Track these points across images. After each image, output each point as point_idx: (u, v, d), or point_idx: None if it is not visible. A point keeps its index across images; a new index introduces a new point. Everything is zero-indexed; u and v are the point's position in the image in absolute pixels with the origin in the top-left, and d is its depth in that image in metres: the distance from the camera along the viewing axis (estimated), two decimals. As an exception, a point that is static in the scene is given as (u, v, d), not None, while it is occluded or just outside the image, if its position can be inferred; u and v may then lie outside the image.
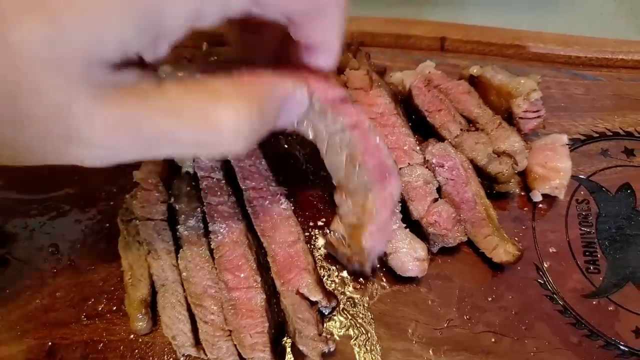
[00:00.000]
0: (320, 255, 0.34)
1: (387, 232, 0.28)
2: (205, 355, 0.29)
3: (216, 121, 0.20)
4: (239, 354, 0.29)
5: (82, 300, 0.32)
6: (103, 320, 0.32)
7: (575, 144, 0.38)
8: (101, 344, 0.31)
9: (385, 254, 0.31)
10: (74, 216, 0.35)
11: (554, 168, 0.34)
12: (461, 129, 0.35)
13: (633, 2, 0.52)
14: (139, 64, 0.21)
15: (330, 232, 0.29)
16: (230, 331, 0.29)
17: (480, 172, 0.34)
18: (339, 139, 0.25)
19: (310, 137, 0.25)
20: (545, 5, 0.51)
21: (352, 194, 0.26)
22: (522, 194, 0.36)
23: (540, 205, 0.35)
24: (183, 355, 0.30)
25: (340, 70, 0.38)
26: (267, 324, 0.29)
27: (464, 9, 0.50)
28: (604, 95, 0.40)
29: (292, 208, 0.33)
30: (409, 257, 0.31)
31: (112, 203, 0.35)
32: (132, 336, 0.31)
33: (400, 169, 0.33)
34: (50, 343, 0.31)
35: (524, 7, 0.51)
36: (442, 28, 0.42)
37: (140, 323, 0.30)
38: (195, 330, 0.30)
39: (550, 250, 0.34)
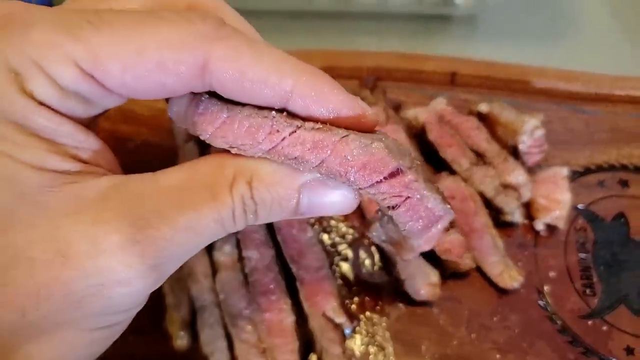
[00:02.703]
0: (341, 280, 0.37)
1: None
2: (240, 370, 0.33)
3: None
4: (272, 370, 0.32)
5: (127, 319, 0.35)
6: (145, 336, 0.35)
7: (574, 175, 0.41)
8: (144, 359, 0.34)
9: (401, 280, 0.35)
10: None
11: (555, 200, 0.37)
12: (470, 163, 0.38)
13: (635, 34, 0.55)
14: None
15: (371, 234, 0.29)
16: (264, 348, 0.33)
17: (488, 203, 0.37)
18: (381, 207, 0.22)
19: None
20: (550, 37, 0.54)
21: (392, 223, 0.23)
22: (526, 222, 0.39)
23: (542, 233, 0.39)
24: (220, 370, 0.33)
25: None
26: (297, 343, 0.32)
27: (473, 41, 0.54)
28: (601, 129, 0.43)
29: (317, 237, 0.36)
30: (423, 282, 0.34)
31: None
32: (172, 352, 0.34)
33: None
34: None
35: (530, 39, 0.54)
36: (453, 63, 0.45)
37: (181, 340, 0.33)
38: (231, 347, 0.33)
39: (551, 275, 0.37)
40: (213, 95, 0.21)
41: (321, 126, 0.20)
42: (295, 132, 0.20)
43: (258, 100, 0.20)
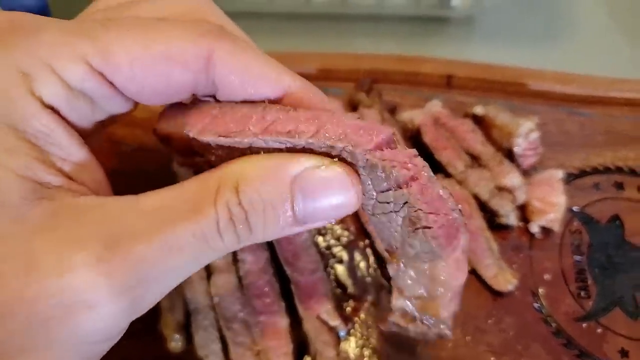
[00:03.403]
0: (336, 282, 0.37)
1: (462, 290, 0.24)
2: (235, 372, 0.33)
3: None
4: (266, 372, 0.32)
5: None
6: (140, 340, 0.34)
7: (569, 178, 0.41)
8: (138, 361, 0.34)
9: (397, 282, 0.35)
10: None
11: (550, 203, 0.37)
12: (465, 166, 0.38)
13: (632, 36, 0.55)
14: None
15: (392, 312, 0.24)
16: (259, 351, 0.33)
17: (483, 206, 0.37)
18: (392, 197, 0.19)
19: None
20: (547, 39, 0.54)
21: (413, 262, 0.21)
22: (521, 224, 0.39)
23: (537, 236, 0.38)
24: (214, 372, 0.33)
25: (353, 108, 0.41)
26: (291, 346, 0.32)
27: (470, 43, 0.54)
28: (597, 131, 0.43)
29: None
30: (418, 285, 0.34)
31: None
32: (166, 355, 0.34)
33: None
34: None
35: (527, 41, 0.54)
36: (449, 66, 0.45)
37: (175, 343, 0.33)
38: (225, 350, 0.33)
39: (545, 277, 0.37)
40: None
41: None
42: (288, 113, 0.19)
43: (254, 96, 0.20)
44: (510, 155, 0.39)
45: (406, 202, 0.19)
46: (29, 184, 0.18)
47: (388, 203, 0.20)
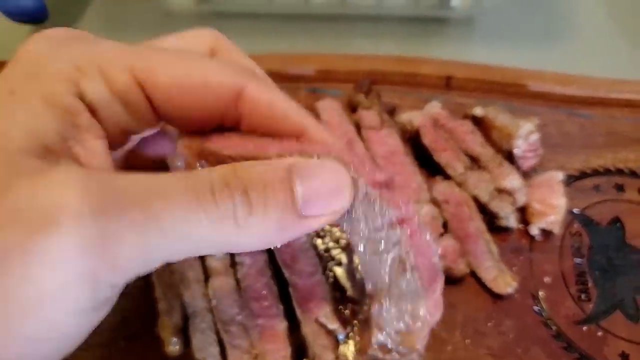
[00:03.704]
0: (335, 285, 0.37)
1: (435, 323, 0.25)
2: (233, 375, 0.32)
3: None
4: (264, 376, 0.32)
5: (119, 325, 0.35)
6: (138, 343, 0.35)
7: (570, 180, 0.41)
8: (137, 364, 0.34)
9: (396, 285, 0.35)
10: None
11: (550, 205, 0.37)
12: (465, 167, 0.38)
13: (633, 37, 0.54)
14: None
15: (372, 346, 0.26)
16: (257, 354, 0.32)
17: (483, 208, 0.37)
18: (385, 236, 0.21)
19: (344, 228, 0.22)
20: (547, 39, 0.54)
21: (396, 301, 0.23)
22: (521, 226, 0.39)
23: (537, 238, 0.38)
24: (212, 375, 0.33)
25: (352, 109, 0.41)
26: (289, 349, 0.32)
27: (470, 43, 0.53)
28: (597, 132, 0.43)
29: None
30: (417, 288, 0.34)
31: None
32: (164, 358, 0.34)
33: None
34: (90, 363, 0.34)
35: (527, 41, 0.54)
36: (448, 67, 0.45)
37: (173, 346, 0.33)
38: (223, 353, 0.33)
39: (545, 280, 0.37)
40: None
41: None
42: (304, 144, 0.21)
43: (275, 133, 0.22)
44: (510, 156, 0.39)
45: (397, 243, 0.21)
46: (34, 142, 0.18)
47: (380, 242, 0.21)
